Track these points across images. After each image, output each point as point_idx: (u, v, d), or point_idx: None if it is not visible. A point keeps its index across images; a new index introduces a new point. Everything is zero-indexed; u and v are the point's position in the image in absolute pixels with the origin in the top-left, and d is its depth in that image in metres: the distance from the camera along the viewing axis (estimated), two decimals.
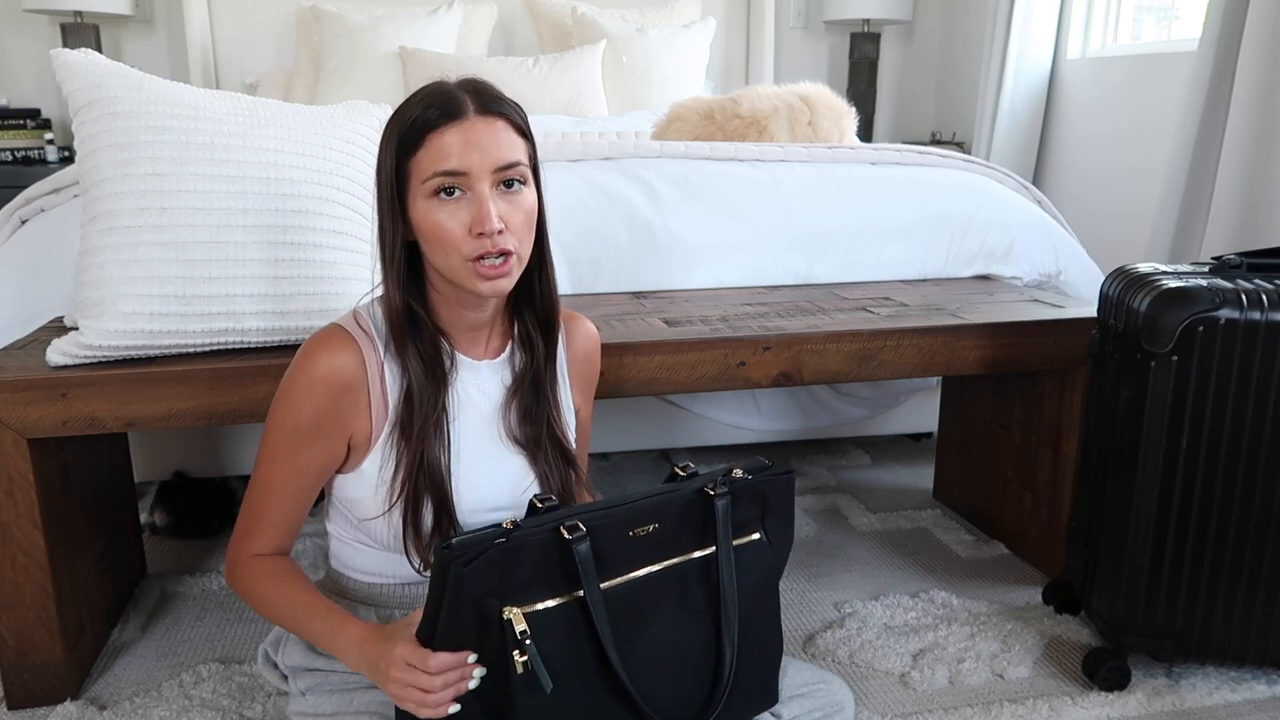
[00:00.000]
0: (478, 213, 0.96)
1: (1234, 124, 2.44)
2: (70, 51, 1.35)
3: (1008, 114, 3.41)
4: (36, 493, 1.31)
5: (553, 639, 0.92)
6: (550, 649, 0.92)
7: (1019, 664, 1.50)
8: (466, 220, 0.97)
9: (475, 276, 0.98)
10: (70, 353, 1.30)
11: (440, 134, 0.96)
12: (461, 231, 0.97)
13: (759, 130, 2.24)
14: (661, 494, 1.01)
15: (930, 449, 2.43)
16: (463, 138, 0.96)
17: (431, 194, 0.97)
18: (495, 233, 0.96)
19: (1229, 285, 1.32)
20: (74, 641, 1.42)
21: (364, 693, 1.07)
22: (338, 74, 3.25)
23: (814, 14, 4.07)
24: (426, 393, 1.03)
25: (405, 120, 0.98)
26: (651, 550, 0.99)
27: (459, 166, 0.96)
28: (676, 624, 1.00)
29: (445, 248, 0.97)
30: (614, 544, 0.96)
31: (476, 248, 0.97)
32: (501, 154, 0.97)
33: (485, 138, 0.97)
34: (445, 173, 0.96)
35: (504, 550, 0.90)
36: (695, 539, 1.02)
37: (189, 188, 1.31)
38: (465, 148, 0.96)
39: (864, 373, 1.54)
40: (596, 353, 1.22)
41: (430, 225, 0.97)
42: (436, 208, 0.97)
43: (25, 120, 3.35)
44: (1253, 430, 1.33)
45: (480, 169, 0.96)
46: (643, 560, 0.99)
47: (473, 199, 0.97)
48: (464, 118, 0.97)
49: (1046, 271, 2.04)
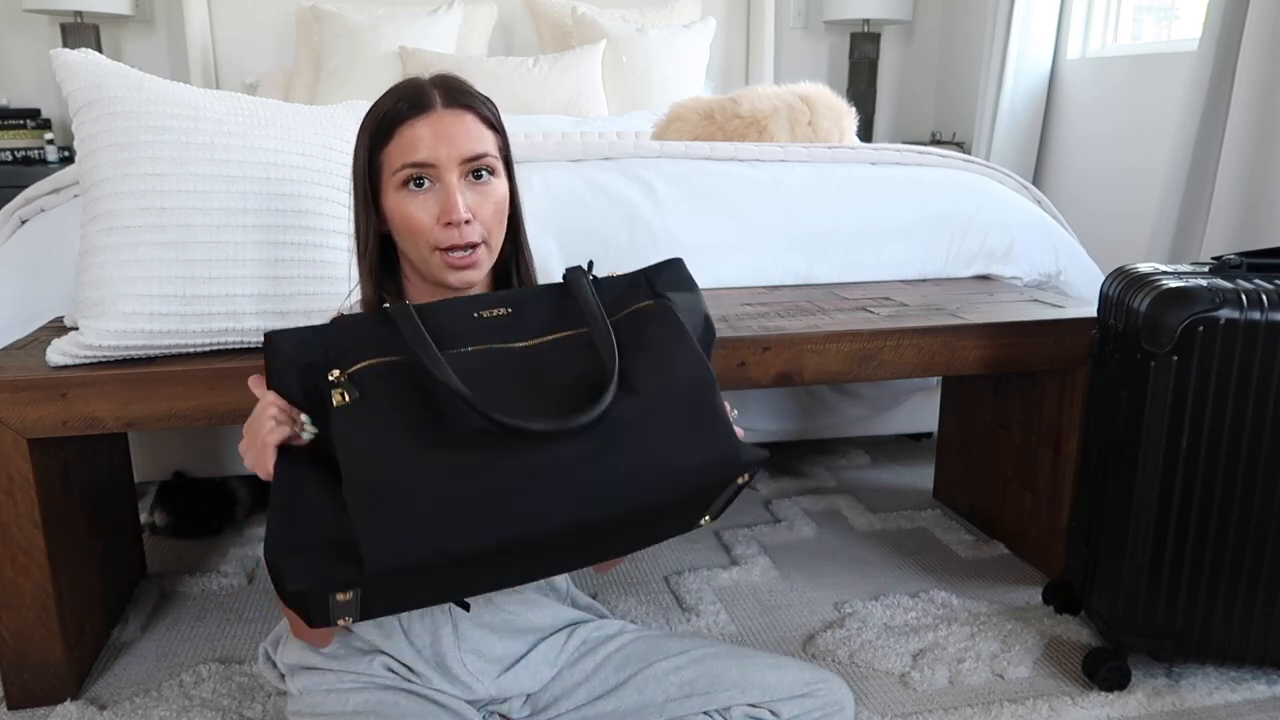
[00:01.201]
0: (445, 203, 1.00)
1: (1234, 124, 2.44)
2: (70, 51, 1.35)
3: (1008, 114, 3.41)
4: (36, 493, 1.31)
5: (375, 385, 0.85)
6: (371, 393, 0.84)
7: (1019, 664, 1.50)
8: (435, 210, 1.00)
9: (445, 267, 1.01)
10: (70, 353, 1.30)
11: (409, 126, 1.00)
12: (430, 221, 1.00)
13: (759, 130, 2.24)
14: (511, 290, 0.99)
15: (930, 449, 2.43)
16: (431, 130, 1.00)
17: (401, 185, 1.01)
18: (462, 222, 1.00)
19: (1229, 285, 1.32)
20: (74, 641, 1.42)
21: (363, 692, 1.07)
22: (338, 74, 3.26)
23: (814, 14, 4.07)
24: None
25: (377, 114, 1.02)
26: (505, 331, 0.91)
27: (427, 158, 0.99)
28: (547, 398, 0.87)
29: (415, 238, 1.01)
30: (456, 323, 0.90)
31: (445, 237, 1.00)
32: (469, 145, 1.01)
33: (454, 130, 1.00)
34: (414, 164, 1.00)
35: (333, 325, 0.90)
36: (561, 323, 0.93)
37: (189, 188, 1.31)
38: (433, 139, 1.00)
39: (864, 373, 1.54)
40: None
41: (401, 216, 1.01)
42: (407, 199, 1.01)
43: (25, 120, 3.35)
44: (1253, 430, 1.33)
45: (448, 160, 1.00)
46: (495, 338, 0.91)
47: (441, 190, 1.00)
48: (432, 110, 1.00)
49: (1046, 271, 2.04)
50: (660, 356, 0.91)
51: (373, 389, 0.85)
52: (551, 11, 3.60)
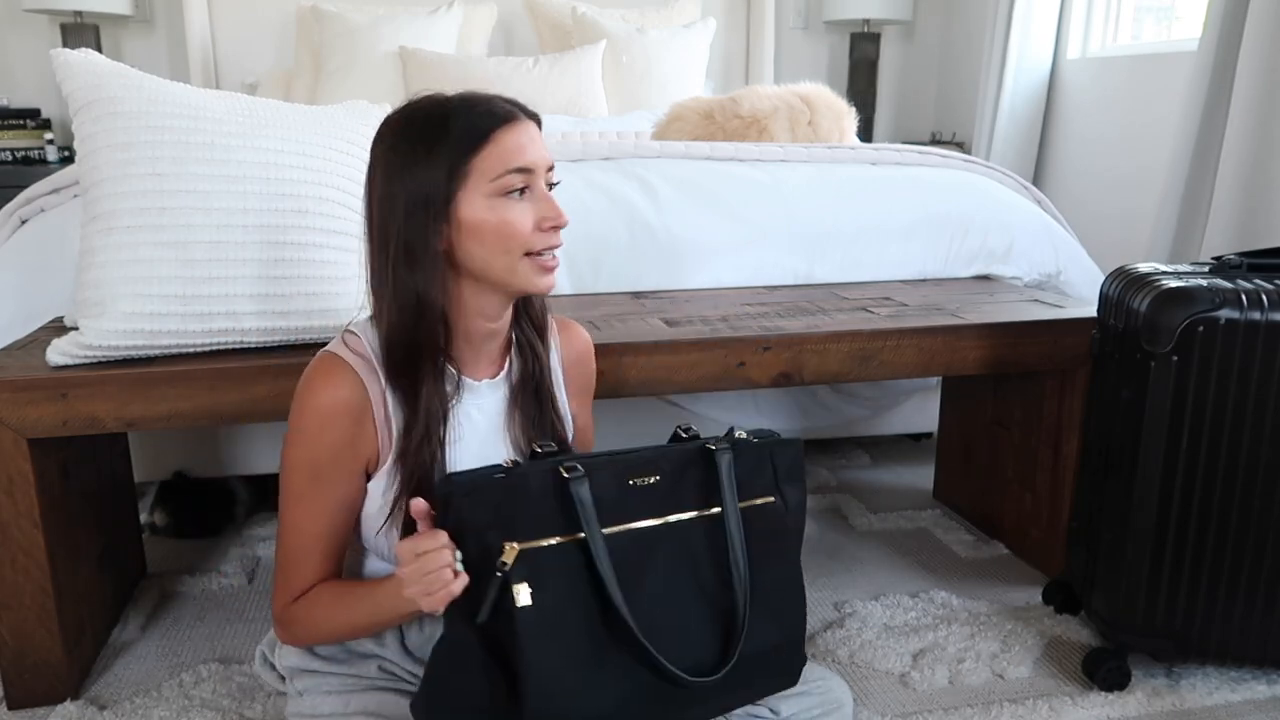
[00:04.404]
0: (549, 208, 0.99)
1: (1234, 124, 2.44)
2: (70, 51, 1.35)
3: (1008, 114, 3.41)
4: (36, 493, 1.31)
5: (551, 579, 0.91)
6: (549, 588, 0.91)
7: (1019, 664, 1.50)
8: (534, 216, 0.99)
9: (537, 271, 1.00)
10: (70, 353, 1.30)
11: (504, 133, 0.97)
12: (529, 227, 0.99)
13: (759, 130, 2.24)
14: (661, 448, 1.01)
15: (930, 449, 2.43)
16: (526, 136, 0.99)
17: (501, 192, 0.97)
18: (565, 225, 1.00)
19: (1229, 285, 1.32)
20: (74, 641, 1.42)
21: (361, 694, 1.07)
22: (338, 74, 3.26)
23: (814, 14, 4.07)
24: (431, 425, 1.02)
25: (451, 127, 0.96)
26: (652, 503, 0.98)
27: (531, 162, 0.98)
28: (682, 583, 0.98)
29: (509, 244, 0.98)
30: (612, 490, 0.96)
31: (542, 241, 0.99)
32: (549, 156, 1.01)
33: (538, 139, 1.01)
34: (519, 169, 0.97)
35: (503, 485, 0.91)
36: (700, 497, 1.01)
37: (189, 188, 1.31)
38: (530, 145, 0.99)
39: (864, 373, 1.54)
40: (591, 358, 1.22)
41: (496, 222, 0.97)
42: (504, 204, 0.98)
43: (25, 120, 3.35)
44: (1253, 430, 1.33)
45: (541, 167, 1.00)
46: (642, 512, 0.98)
47: (535, 196, 0.99)
48: (519, 119, 0.99)
49: (1046, 271, 2.04)
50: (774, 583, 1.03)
51: (549, 582, 0.91)
52: (551, 11, 3.60)
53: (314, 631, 1.05)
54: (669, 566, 0.98)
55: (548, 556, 0.92)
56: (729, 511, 1.01)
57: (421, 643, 1.10)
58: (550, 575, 0.91)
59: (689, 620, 0.98)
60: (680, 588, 0.98)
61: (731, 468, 1.02)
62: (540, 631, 0.90)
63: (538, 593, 0.90)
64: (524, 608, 0.89)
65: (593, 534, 0.93)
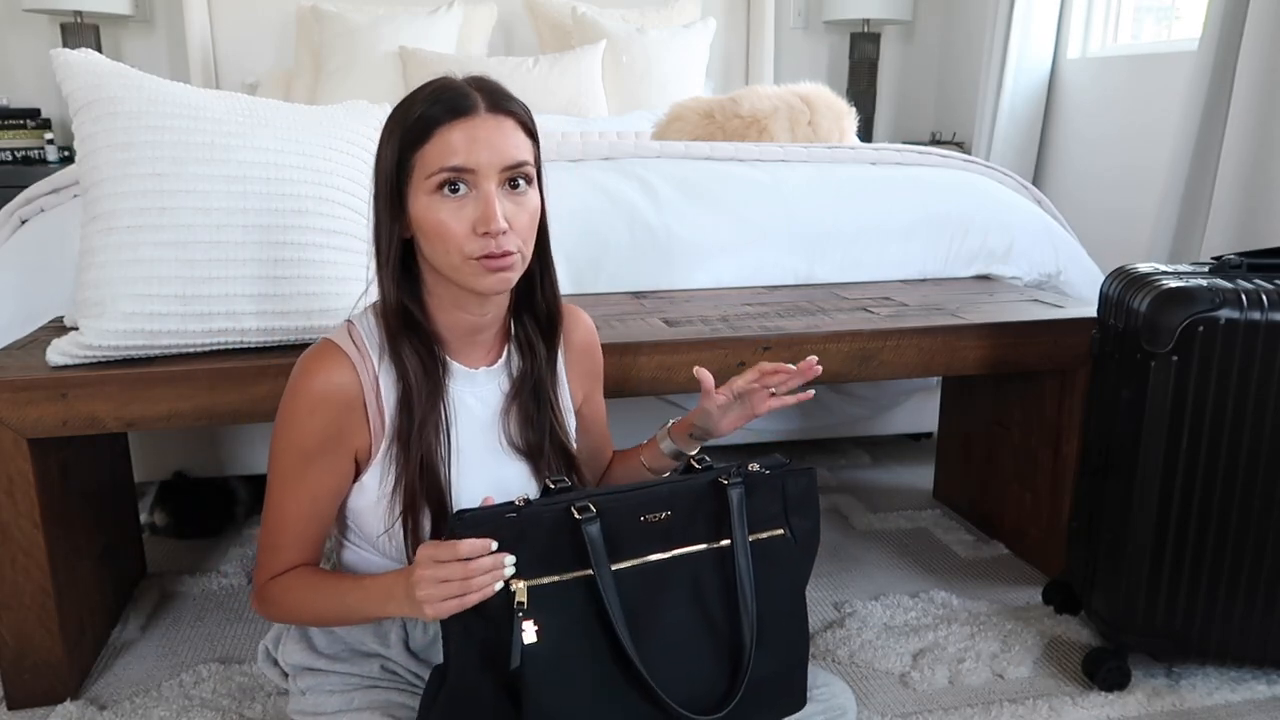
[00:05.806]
0: (484, 211, 0.95)
1: (1234, 124, 2.44)
2: (70, 51, 1.35)
3: (1008, 114, 3.41)
4: (36, 493, 1.31)
5: (559, 616, 0.92)
6: (556, 626, 0.92)
7: (1019, 664, 1.50)
8: (471, 218, 0.95)
9: (479, 272, 0.96)
10: (70, 353, 1.30)
11: (449, 129, 0.95)
12: (465, 230, 0.95)
13: (759, 130, 2.24)
14: (674, 482, 1.01)
15: (930, 449, 2.43)
16: (471, 134, 0.95)
17: (435, 189, 0.95)
18: (500, 232, 0.95)
19: (1229, 285, 1.32)
20: (74, 641, 1.42)
21: (364, 692, 1.07)
22: (338, 74, 3.26)
23: (814, 14, 4.07)
24: (422, 393, 1.01)
25: (410, 114, 0.96)
26: (663, 538, 0.99)
27: (466, 163, 0.94)
28: (690, 616, 0.99)
29: (446, 245, 0.96)
30: (624, 528, 0.97)
31: (480, 247, 0.95)
32: (510, 153, 0.96)
33: (494, 136, 0.96)
34: (451, 169, 0.94)
35: (513, 525, 0.91)
36: (710, 530, 1.02)
37: (189, 188, 1.31)
38: (474, 145, 0.95)
39: (864, 373, 1.54)
40: (596, 343, 1.20)
41: (433, 222, 0.96)
42: (440, 204, 0.95)
43: (25, 120, 3.35)
44: (1253, 430, 1.33)
45: (488, 167, 0.95)
46: (654, 547, 0.99)
47: (478, 197, 0.95)
48: (473, 114, 0.95)
49: (1046, 271, 2.04)
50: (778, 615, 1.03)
51: (556, 620, 0.92)
52: (551, 11, 3.60)
53: (288, 613, 1.05)
54: (677, 599, 0.99)
55: (556, 594, 0.93)
56: (739, 547, 1.01)
57: (425, 644, 1.10)
58: (557, 613, 0.92)
59: (695, 654, 0.99)
60: (688, 621, 0.99)
61: (743, 502, 1.02)
62: (546, 668, 0.91)
63: (545, 630, 0.91)
64: (531, 645, 0.90)
65: (602, 574, 0.94)
